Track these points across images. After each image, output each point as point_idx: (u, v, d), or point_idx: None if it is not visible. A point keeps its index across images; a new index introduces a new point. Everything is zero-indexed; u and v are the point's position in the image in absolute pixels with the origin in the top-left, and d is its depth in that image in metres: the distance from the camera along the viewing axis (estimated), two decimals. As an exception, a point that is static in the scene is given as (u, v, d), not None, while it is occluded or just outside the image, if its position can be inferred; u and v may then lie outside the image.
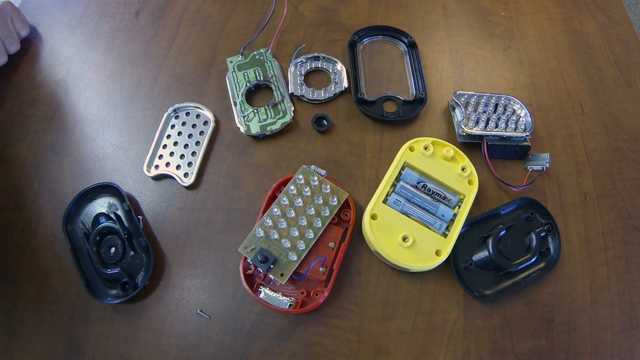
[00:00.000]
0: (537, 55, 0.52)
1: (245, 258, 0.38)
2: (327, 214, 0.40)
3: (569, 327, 0.38)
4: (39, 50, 0.52)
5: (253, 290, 0.38)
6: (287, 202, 0.40)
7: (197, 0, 0.55)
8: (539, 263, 0.40)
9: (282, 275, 0.37)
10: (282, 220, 0.39)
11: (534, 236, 0.40)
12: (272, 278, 0.38)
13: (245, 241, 0.39)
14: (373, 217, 0.40)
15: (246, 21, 0.54)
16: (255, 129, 0.45)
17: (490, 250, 0.39)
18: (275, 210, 0.40)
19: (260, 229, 0.39)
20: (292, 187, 0.41)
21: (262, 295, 0.38)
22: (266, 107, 0.47)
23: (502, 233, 0.40)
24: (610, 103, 0.49)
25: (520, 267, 0.39)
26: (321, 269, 0.38)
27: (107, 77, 0.50)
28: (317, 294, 0.38)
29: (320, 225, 0.39)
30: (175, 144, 0.46)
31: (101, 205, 0.42)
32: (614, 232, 0.42)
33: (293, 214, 0.40)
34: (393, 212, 0.40)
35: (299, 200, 0.40)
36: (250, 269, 0.39)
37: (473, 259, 0.40)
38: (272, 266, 0.37)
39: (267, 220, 0.39)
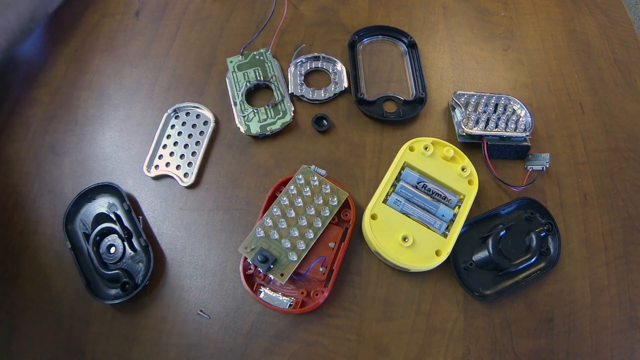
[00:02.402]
0: (537, 55, 0.52)
1: (245, 258, 0.38)
2: (327, 214, 0.40)
3: (569, 327, 0.38)
4: (39, 50, 0.52)
5: (253, 290, 0.38)
6: (287, 202, 0.40)
7: (197, 0, 0.55)
8: (539, 263, 0.40)
9: (282, 275, 0.37)
10: (282, 220, 0.39)
11: (534, 236, 0.40)
12: (272, 278, 0.38)
13: (245, 241, 0.39)
14: (373, 217, 0.40)
15: (246, 21, 0.54)
16: (255, 129, 0.45)
17: (490, 250, 0.39)
18: (275, 210, 0.40)
19: (260, 229, 0.39)
20: (292, 187, 0.41)
21: (262, 295, 0.38)
22: (266, 107, 0.47)
23: (502, 233, 0.40)
24: (610, 103, 0.49)
25: (520, 267, 0.39)
26: (321, 269, 0.38)
27: (107, 77, 0.50)
28: (317, 294, 0.38)
29: (320, 225, 0.39)
30: (175, 144, 0.46)
31: (101, 205, 0.42)
32: (614, 232, 0.42)
33: (293, 214, 0.40)
34: (393, 212, 0.40)
35: (299, 200, 0.40)
36: (250, 269, 0.39)
37: (473, 259, 0.40)
38: (272, 266, 0.37)
39: (267, 220, 0.39)
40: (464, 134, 0.44)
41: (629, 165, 0.46)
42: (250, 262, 0.38)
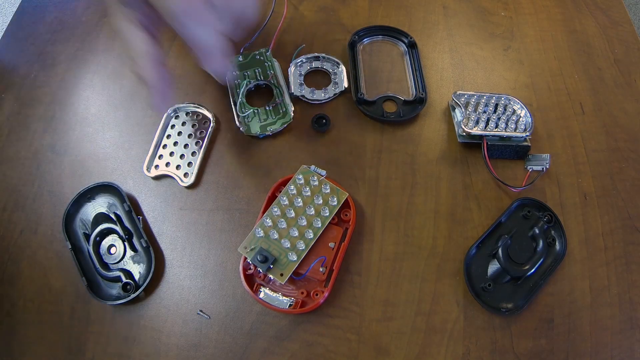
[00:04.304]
0: (537, 55, 0.52)
1: (245, 258, 0.38)
2: (327, 214, 0.40)
3: (569, 327, 0.38)
4: (39, 50, 0.52)
5: (253, 290, 0.38)
6: (287, 202, 0.40)
7: (197, 0, 0.55)
8: (549, 256, 0.40)
9: (282, 275, 0.37)
10: (282, 220, 0.39)
11: (536, 230, 0.40)
12: (272, 278, 0.38)
13: (245, 241, 0.39)
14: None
15: (246, 21, 0.53)
16: (255, 129, 0.45)
17: (502, 263, 0.39)
18: (275, 210, 0.40)
19: (260, 229, 0.39)
20: (292, 187, 0.41)
21: (262, 295, 0.38)
22: (266, 107, 0.47)
23: (508, 243, 0.40)
24: (610, 103, 0.49)
25: (534, 267, 0.39)
26: (321, 269, 0.38)
27: (107, 77, 0.50)
28: (317, 294, 0.38)
29: (320, 225, 0.39)
30: (175, 144, 0.46)
31: (101, 205, 0.42)
32: (614, 232, 0.42)
33: (293, 214, 0.40)
34: None
35: (299, 200, 0.40)
36: (250, 269, 0.39)
37: (488, 276, 0.39)
38: (271, 266, 0.37)
39: (267, 220, 0.39)
40: (464, 134, 0.44)
41: (629, 165, 0.46)
42: (250, 262, 0.38)
